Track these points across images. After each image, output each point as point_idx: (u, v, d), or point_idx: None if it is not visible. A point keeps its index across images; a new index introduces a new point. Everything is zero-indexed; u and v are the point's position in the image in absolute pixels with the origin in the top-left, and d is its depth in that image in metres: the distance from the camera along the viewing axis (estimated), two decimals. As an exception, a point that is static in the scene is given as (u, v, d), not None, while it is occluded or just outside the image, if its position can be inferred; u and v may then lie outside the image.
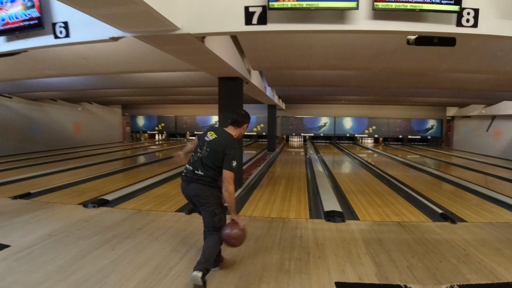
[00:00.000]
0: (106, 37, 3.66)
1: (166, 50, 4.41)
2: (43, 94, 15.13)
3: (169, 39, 3.76)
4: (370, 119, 23.25)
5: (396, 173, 10.04)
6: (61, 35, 3.89)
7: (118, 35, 3.60)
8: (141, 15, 3.06)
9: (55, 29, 3.90)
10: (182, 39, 3.72)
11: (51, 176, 8.94)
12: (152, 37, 3.71)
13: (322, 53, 6.07)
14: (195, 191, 3.15)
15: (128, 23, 3.33)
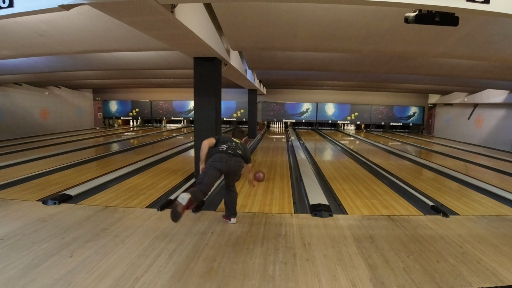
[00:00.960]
0: (55, 5, 3.03)
1: (132, 24, 3.80)
2: (6, 78, 13.90)
3: (131, 7, 3.15)
4: (352, 105, 23.05)
5: (381, 161, 9.79)
6: (4, 4, 3.23)
7: (69, 2, 2.97)
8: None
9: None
10: (146, 7, 3.12)
11: (12, 168, 8.12)
12: (108, 4, 3.09)
13: (308, 32, 5.55)
14: (238, 162, 4.30)
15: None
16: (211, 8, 5.04)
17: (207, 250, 3.52)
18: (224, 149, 4.25)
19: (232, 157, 4.23)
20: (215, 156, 4.21)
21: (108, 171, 7.52)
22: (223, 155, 4.20)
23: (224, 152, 4.23)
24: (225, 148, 4.27)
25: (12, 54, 7.41)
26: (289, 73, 13.25)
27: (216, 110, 6.62)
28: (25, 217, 4.58)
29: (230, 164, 4.19)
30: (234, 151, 4.27)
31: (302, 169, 8.07)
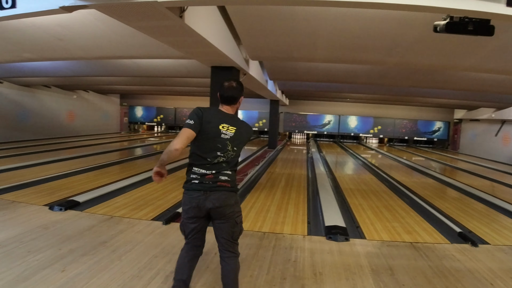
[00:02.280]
0: (56, 6, 2.90)
1: (139, 28, 3.64)
2: (36, 80, 14.34)
3: (135, 10, 2.97)
4: (375, 118, 22.51)
5: (404, 178, 9.30)
6: (7, 5, 3.14)
7: (70, 3, 2.82)
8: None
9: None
10: (151, 10, 2.93)
11: (28, 169, 8.16)
12: (112, 7, 2.92)
13: (328, 42, 5.28)
14: (219, 201, 2.38)
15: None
16: (227, 15, 4.85)
17: (207, 275, 3.24)
18: (195, 179, 2.40)
19: (210, 194, 2.37)
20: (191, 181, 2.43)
21: (122, 178, 7.41)
22: (194, 192, 2.39)
23: (196, 185, 2.39)
24: (195, 177, 2.40)
25: (35, 57, 7.52)
26: (311, 85, 12.98)
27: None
28: (28, 222, 4.46)
29: (209, 205, 2.37)
30: (214, 180, 2.38)
31: (320, 183, 7.73)
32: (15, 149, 11.65)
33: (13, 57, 7.66)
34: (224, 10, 4.78)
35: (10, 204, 5.23)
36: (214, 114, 2.45)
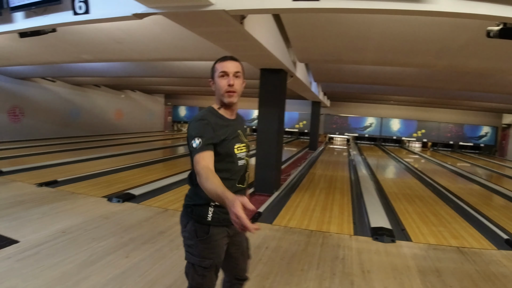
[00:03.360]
0: (129, 13, 3.16)
1: (200, 33, 3.86)
2: (87, 80, 15.20)
3: (201, 18, 3.18)
4: (419, 122, 21.73)
5: (448, 184, 9.03)
6: (80, 11, 3.45)
7: (142, 11, 3.08)
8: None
9: (74, 4, 3.46)
10: (217, 18, 3.13)
11: (84, 163, 8.78)
12: (181, 15, 3.15)
13: (378, 45, 5.29)
14: None
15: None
16: (280, 19, 4.99)
17: (260, 266, 3.41)
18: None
19: None
20: None
21: (171, 174, 7.75)
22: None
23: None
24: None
25: (91, 58, 7.99)
26: (354, 87, 12.85)
27: (279, 121, 6.53)
28: (89, 212, 4.83)
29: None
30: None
31: (364, 186, 7.70)
32: (68, 145, 12.45)
33: (72, 58, 8.08)
34: (277, 15, 4.94)
35: (71, 195, 5.67)
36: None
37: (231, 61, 1.87)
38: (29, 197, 5.37)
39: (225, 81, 1.84)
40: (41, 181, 6.32)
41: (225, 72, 1.84)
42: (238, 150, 1.90)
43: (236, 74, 1.85)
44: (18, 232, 3.93)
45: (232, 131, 1.90)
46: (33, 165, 7.86)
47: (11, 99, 12.98)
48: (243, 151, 1.94)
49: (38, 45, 6.61)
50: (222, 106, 1.91)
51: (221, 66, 1.85)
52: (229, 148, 1.85)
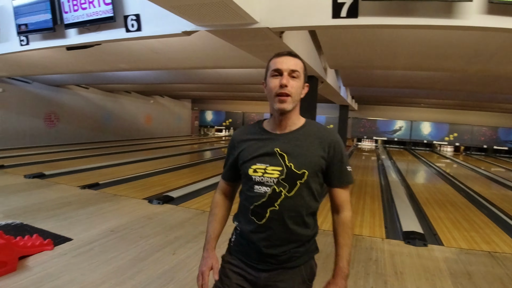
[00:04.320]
0: (179, 31, 3.45)
1: (241, 46, 4.11)
2: (118, 86, 15.87)
3: (246, 34, 3.44)
4: (451, 125, 21.12)
5: (481, 189, 8.89)
6: (133, 28, 3.76)
7: (191, 29, 3.35)
8: (216, 7, 2.76)
9: (127, 22, 3.78)
10: (259, 34, 3.38)
11: (120, 167, 9.24)
12: (227, 32, 3.41)
13: (409, 51, 5.39)
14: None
15: (202, 16, 3.07)
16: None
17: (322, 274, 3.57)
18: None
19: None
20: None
21: (202, 178, 8.04)
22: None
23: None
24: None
25: (128, 68, 8.40)
26: (384, 90, 12.80)
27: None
28: (133, 213, 5.14)
29: None
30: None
31: (394, 191, 7.73)
32: (102, 149, 13.07)
33: (110, 67, 8.56)
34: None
35: (113, 197, 6.03)
36: None
37: (288, 57, 1.43)
38: (75, 199, 5.75)
39: (277, 80, 1.40)
40: (84, 184, 6.73)
41: (279, 70, 1.40)
42: (255, 173, 1.44)
43: (292, 73, 1.41)
44: (70, 231, 4.25)
45: (262, 148, 1.46)
46: (73, 169, 8.36)
47: (46, 106, 13.69)
48: (268, 175, 1.42)
49: (78, 55, 6.99)
50: (273, 116, 1.52)
51: (275, 62, 1.43)
52: (245, 168, 1.49)
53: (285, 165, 1.43)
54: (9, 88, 12.12)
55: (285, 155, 1.44)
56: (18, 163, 8.87)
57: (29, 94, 12.95)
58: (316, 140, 1.49)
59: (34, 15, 4.81)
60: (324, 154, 1.48)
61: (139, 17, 3.72)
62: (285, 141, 1.47)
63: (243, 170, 1.52)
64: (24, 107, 12.70)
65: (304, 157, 1.45)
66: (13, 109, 12.31)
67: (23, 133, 12.72)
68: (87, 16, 4.18)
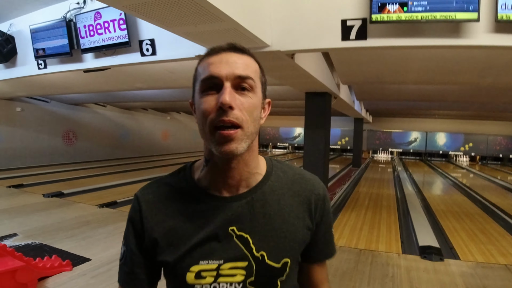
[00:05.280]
0: (192, 55, 3.58)
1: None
2: (135, 104, 16.05)
3: (258, 56, 3.53)
4: (466, 135, 20.84)
5: (498, 200, 8.72)
6: (148, 52, 3.91)
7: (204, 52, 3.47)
8: (228, 33, 2.89)
9: (142, 47, 3.93)
10: (271, 56, 3.49)
11: (137, 184, 9.24)
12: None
13: (421, 67, 5.43)
14: None
15: (214, 41, 3.18)
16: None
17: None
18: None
19: None
20: None
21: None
22: None
23: None
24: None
25: (144, 87, 8.58)
26: (398, 103, 12.79)
27: (325, 142, 6.77)
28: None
29: None
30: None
31: (410, 204, 7.67)
32: (120, 166, 13.18)
33: (126, 86, 8.73)
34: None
35: None
36: None
37: (231, 54, 0.85)
38: (93, 218, 5.82)
39: (213, 100, 0.81)
40: (102, 203, 6.82)
41: (214, 78, 0.81)
42: (200, 279, 0.83)
43: (242, 82, 0.83)
44: (89, 251, 4.31)
45: (204, 228, 0.85)
46: (91, 187, 8.48)
47: (65, 124, 13.88)
48: (226, 280, 0.83)
49: (96, 76, 7.05)
50: (210, 162, 0.89)
51: (207, 65, 0.84)
52: (177, 272, 0.85)
53: (252, 256, 0.84)
54: (28, 107, 12.33)
55: (248, 237, 0.85)
56: (37, 181, 9.01)
57: (48, 113, 13.13)
58: (294, 199, 0.91)
59: (51, 40, 4.93)
60: (310, 222, 0.92)
61: (153, 42, 3.87)
62: (243, 211, 0.87)
63: (173, 276, 0.87)
64: (42, 126, 12.86)
65: (282, 236, 0.87)
66: (32, 127, 12.48)
67: (42, 152, 12.87)
68: (103, 41, 4.32)
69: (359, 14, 3.05)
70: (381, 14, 2.89)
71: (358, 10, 3.05)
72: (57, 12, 4.86)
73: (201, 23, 2.69)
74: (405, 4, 2.83)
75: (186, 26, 2.78)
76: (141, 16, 2.67)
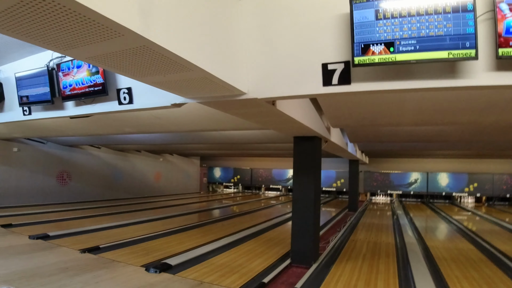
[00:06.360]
0: (168, 103, 3.39)
1: (235, 114, 4.01)
2: (128, 146, 16.23)
3: (235, 104, 3.32)
4: (470, 175, 20.15)
5: (507, 248, 8.17)
6: (125, 101, 3.75)
7: (180, 101, 3.27)
8: (200, 82, 2.66)
9: (119, 95, 3.77)
10: (249, 103, 3.25)
11: (124, 228, 9.15)
12: (216, 103, 3.31)
13: (416, 108, 5.18)
14: None
15: (188, 90, 2.98)
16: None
17: None
18: None
19: None
20: None
21: (206, 242, 7.75)
22: None
23: None
24: None
25: (133, 131, 8.56)
26: (395, 145, 12.55)
27: (316, 188, 6.40)
28: (128, 283, 4.89)
29: None
30: None
31: (411, 253, 7.20)
32: (111, 208, 13.14)
33: (115, 131, 8.85)
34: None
35: (111, 263, 5.83)
36: None
37: None
38: (73, 264, 5.61)
39: None
40: (85, 247, 6.64)
41: None
42: None
43: None
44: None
45: None
46: (78, 230, 8.36)
47: (60, 164, 14.23)
48: None
49: (85, 120, 7.10)
50: None
51: None
52: None
53: None
54: (24, 148, 12.77)
55: None
56: (26, 222, 9.06)
57: (43, 154, 13.56)
58: None
59: (35, 88, 5.01)
60: None
61: (131, 90, 3.72)
62: None
63: None
64: (37, 166, 13.27)
65: None
66: (27, 167, 12.86)
67: (35, 191, 13.16)
68: (82, 90, 4.33)
69: (341, 57, 2.81)
70: (364, 56, 2.64)
71: (340, 53, 2.82)
72: (41, 60, 4.99)
73: (170, 73, 2.47)
74: (392, 44, 2.58)
75: (154, 76, 2.56)
76: (106, 67, 2.48)
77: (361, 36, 2.63)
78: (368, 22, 2.60)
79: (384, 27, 2.58)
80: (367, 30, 2.61)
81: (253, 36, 3.03)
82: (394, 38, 2.57)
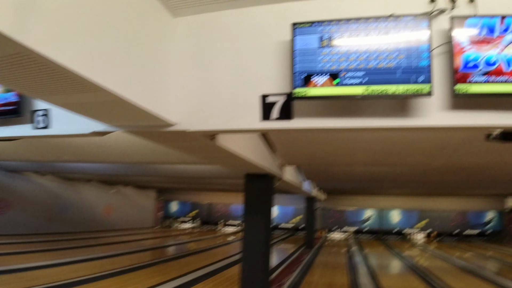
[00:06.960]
0: (88, 131, 2.93)
1: (171, 147, 3.61)
2: (78, 176, 15.00)
3: (166, 136, 2.93)
4: (421, 212, 21.07)
5: (460, 285, 8.07)
6: (40, 125, 3.24)
7: (102, 129, 2.83)
8: (114, 106, 2.24)
9: (34, 118, 3.26)
10: (181, 136, 2.86)
11: (66, 267, 8.19)
12: (143, 133, 2.90)
13: (368, 148, 5.08)
14: None
15: (107, 116, 2.57)
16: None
17: None
18: None
19: None
20: None
21: (151, 285, 6.96)
22: None
23: None
24: None
25: (73, 159, 7.88)
26: (349, 182, 12.56)
27: (266, 231, 5.99)
28: None
29: None
30: None
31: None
32: (51, 243, 11.87)
33: (54, 158, 8.01)
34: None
35: None
36: None
37: None
38: None
39: None
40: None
41: None
42: None
43: None
44: None
45: None
46: (12, 267, 7.47)
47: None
48: None
49: (22, 144, 6.51)
50: None
51: None
52: None
53: None
54: None
55: None
56: None
57: None
58: None
59: None
60: None
61: (48, 113, 3.21)
62: None
63: None
64: None
65: None
66: None
67: None
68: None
69: (283, 89, 2.50)
70: (305, 88, 2.34)
71: (281, 83, 2.52)
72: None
73: (72, 93, 2.03)
74: (336, 75, 2.30)
75: (56, 95, 2.12)
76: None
77: (302, 65, 2.34)
78: (311, 50, 2.33)
79: (329, 56, 2.31)
80: (309, 59, 2.33)
81: (187, 58, 2.68)
82: (339, 69, 2.30)
